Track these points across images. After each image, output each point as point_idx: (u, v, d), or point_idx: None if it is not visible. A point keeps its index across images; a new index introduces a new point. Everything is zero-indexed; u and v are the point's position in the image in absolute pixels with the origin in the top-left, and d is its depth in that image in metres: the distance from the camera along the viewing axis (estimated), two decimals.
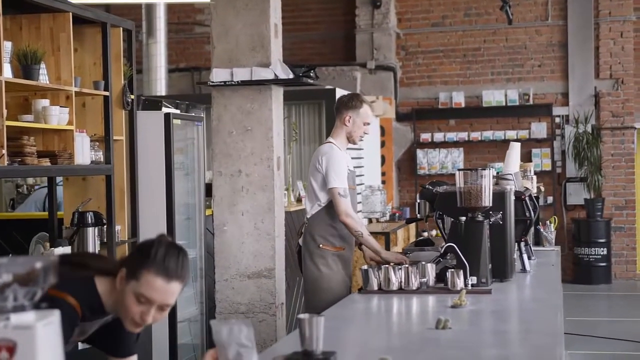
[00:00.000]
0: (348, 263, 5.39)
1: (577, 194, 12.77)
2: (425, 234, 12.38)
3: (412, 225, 11.21)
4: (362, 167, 10.58)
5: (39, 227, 6.05)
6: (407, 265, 4.31)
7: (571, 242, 12.69)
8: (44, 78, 5.06)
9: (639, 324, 9.88)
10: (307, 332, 2.68)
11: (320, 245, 5.25)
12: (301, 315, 2.71)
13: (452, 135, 13.05)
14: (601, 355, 8.13)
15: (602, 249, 12.41)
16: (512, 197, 4.71)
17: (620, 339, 8.64)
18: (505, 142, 12.75)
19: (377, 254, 5.16)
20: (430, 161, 13.11)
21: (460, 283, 4.20)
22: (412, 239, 10.62)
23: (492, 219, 4.48)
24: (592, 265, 12.41)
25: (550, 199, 12.70)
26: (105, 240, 5.66)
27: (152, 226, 6.20)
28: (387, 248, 8.90)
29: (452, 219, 4.53)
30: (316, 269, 5.22)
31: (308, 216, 5.33)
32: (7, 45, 4.83)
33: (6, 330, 1.69)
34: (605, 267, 12.47)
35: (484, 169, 4.44)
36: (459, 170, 4.49)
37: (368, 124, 5.43)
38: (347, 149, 5.53)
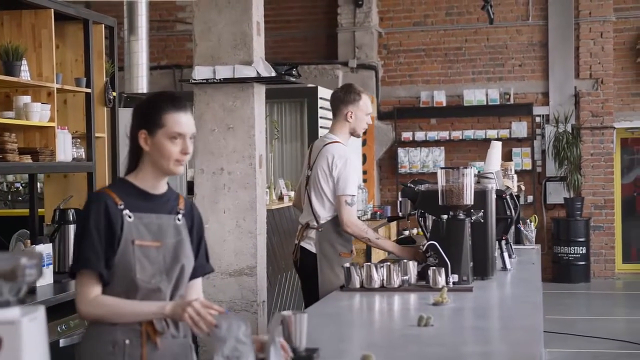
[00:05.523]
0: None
1: (556, 193, 12.85)
2: (407, 232, 12.43)
3: (394, 224, 11.25)
4: None
5: (19, 224, 6.02)
6: (389, 263, 4.32)
7: (551, 241, 12.77)
8: (25, 74, 5.04)
9: (618, 322, 9.97)
10: (290, 329, 2.70)
11: (341, 254, 5.04)
12: (285, 313, 2.72)
13: (433, 134, 13.09)
14: (580, 353, 8.19)
15: (581, 247, 12.49)
16: (494, 196, 4.74)
17: (599, 337, 8.70)
18: (486, 142, 12.76)
19: (394, 254, 4.99)
20: (411, 160, 13.14)
21: (441, 281, 4.22)
22: (394, 237, 10.64)
23: (473, 217, 4.50)
24: (571, 264, 12.49)
25: (530, 198, 12.77)
26: None
27: None
28: (368, 246, 8.90)
29: (434, 217, 4.55)
30: (336, 277, 4.99)
31: (321, 221, 5.03)
32: None
33: None
34: (584, 265, 12.55)
35: (466, 168, 4.47)
36: (441, 168, 4.50)
37: (369, 114, 5.19)
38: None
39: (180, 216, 2.95)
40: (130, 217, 2.83)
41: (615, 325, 9.63)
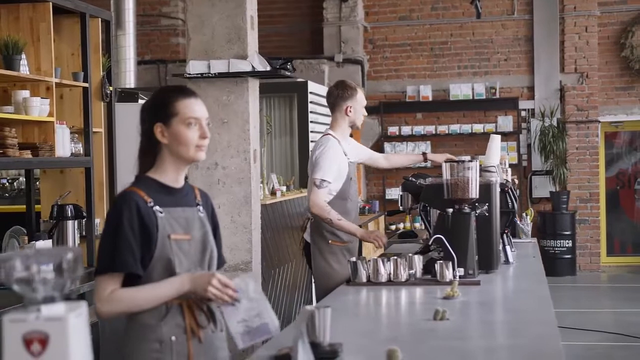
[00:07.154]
0: (354, 254, 5.35)
1: (542, 187, 12.90)
2: (393, 227, 12.44)
3: (382, 218, 11.26)
4: None
5: (13, 221, 5.95)
6: (396, 257, 4.31)
7: (537, 234, 12.80)
8: (24, 69, 4.98)
9: (606, 314, 10.02)
10: (314, 323, 2.68)
11: (330, 242, 5.21)
12: (308, 307, 2.70)
13: (419, 129, 13.09)
14: (572, 345, 8.22)
15: (567, 241, 12.55)
16: (498, 189, 4.74)
17: (586, 329, 8.75)
18: (472, 136, 12.86)
19: (354, 236, 5.15)
20: None
21: (449, 275, 4.21)
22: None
23: (478, 211, 4.49)
24: (557, 257, 12.54)
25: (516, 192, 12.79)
26: (84, 233, 5.59)
27: None
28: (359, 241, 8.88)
29: (439, 211, 4.53)
30: (328, 266, 5.16)
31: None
32: None
33: (38, 322, 1.66)
34: (570, 259, 12.61)
35: (471, 161, 4.46)
36: (446, 161, 4.48)
37: (364, 105, 5.49)
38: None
39: (201, 208, 2.95)
40: (161, 212, 2.81)
41: (604, 318, 9.68)
